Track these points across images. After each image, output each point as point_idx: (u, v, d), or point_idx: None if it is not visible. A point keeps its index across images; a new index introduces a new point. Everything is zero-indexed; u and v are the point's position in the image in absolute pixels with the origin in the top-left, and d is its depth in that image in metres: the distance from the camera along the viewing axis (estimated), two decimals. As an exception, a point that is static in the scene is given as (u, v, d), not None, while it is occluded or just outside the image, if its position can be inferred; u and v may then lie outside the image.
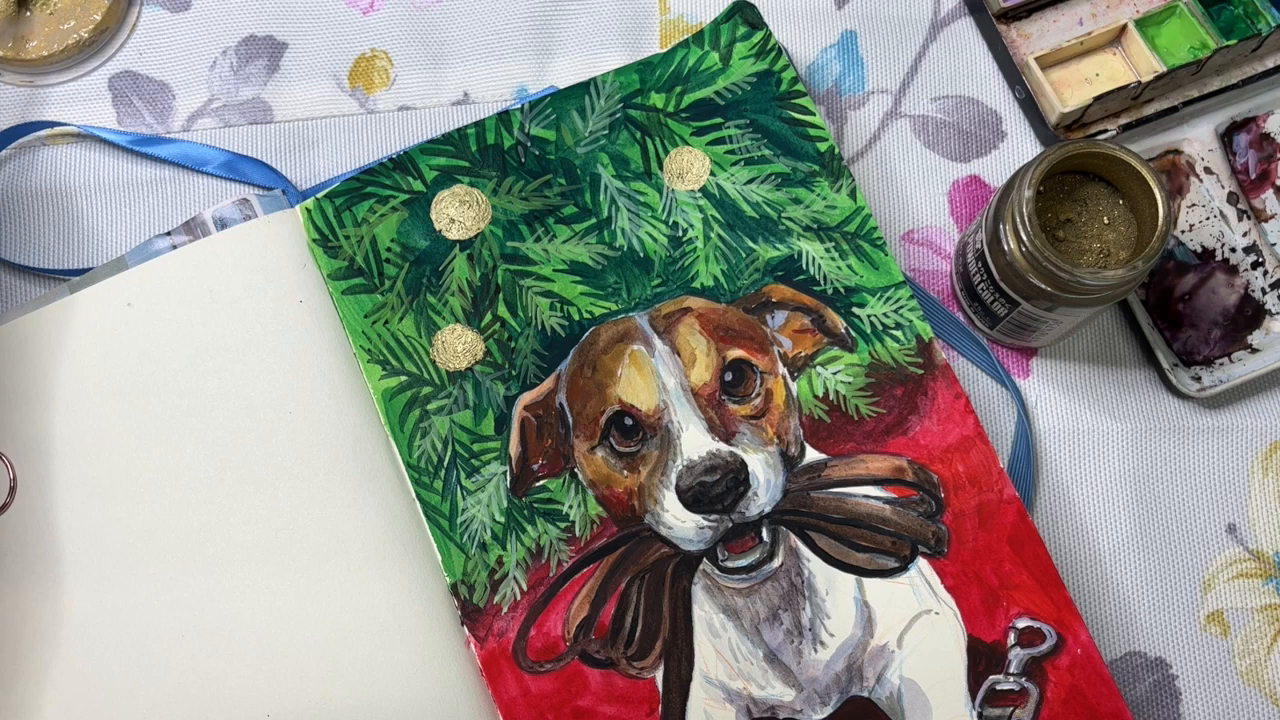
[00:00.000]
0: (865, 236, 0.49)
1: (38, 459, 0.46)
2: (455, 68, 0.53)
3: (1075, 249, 0.45)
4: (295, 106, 0.52)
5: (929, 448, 0.47)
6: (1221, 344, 0.50)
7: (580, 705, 0.45)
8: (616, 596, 0.45)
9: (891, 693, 0.45)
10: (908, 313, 0.48)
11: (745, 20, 0.50)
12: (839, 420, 0.47)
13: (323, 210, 0.48)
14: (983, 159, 0.52)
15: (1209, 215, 0.51)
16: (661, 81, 0.50)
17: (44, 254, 0.51)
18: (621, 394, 0.47)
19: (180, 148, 0.51)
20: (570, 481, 0.46)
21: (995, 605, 0.46)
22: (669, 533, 0.46)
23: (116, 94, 0.52)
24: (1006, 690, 0.45)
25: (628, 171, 0.49)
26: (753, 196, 0.49)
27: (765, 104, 0.50)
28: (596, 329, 0.48)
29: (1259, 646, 0.48)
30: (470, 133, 0.49)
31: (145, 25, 0.53)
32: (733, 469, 0.46)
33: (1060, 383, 0.50)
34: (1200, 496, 0.49)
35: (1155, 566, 0.48)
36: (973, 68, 0.53)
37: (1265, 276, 0.50)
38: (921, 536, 0.46)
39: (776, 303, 0.48)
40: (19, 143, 0.51)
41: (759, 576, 0.46)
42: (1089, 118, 0.50)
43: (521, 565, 0.46)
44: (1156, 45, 0.51)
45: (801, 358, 0.48)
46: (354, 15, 0.53)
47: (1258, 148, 0.51)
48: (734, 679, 0.45)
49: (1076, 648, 0.45)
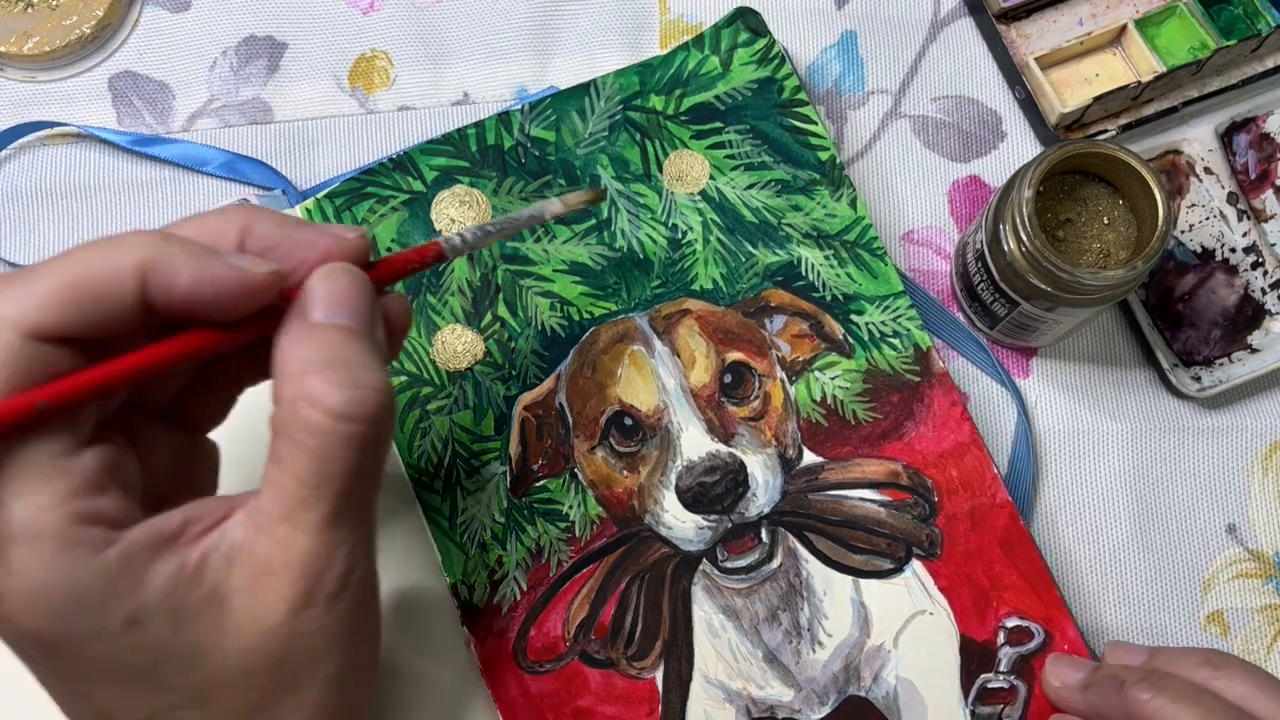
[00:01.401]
0: (865, 245, 0.49)
1: None
2: (455, 68, 0.53)
3: (1075, 249, 0.45)
4: (295, 106, 0.52)
5: (924, 453, 0.47)
6: (1221, 344, 0.50)
7: (580, 705, 0.45)
8: (616, 596, 0.46)
9: (888, 692, 0.45)
10: (906, 321, 0.48)
11: (748, 26, 0.50)
12: (836, 424, 0.47)
13: (323, 210, 0.48)
14: (983, 159, 0.52)
15: (1209, 215, 0.51)
16: (661, 84, 0.50)
17: (44, 254, 0.51)
18: (621, 394, 0.47)
19: (180, 148, 0.51)
20: (570, 482, 0.47)
21: (986, 605, 0.46)
22: (669, 533, 0.46)
23: (116, 94, 0.52)
24: (997, 688, 0.45)
25: (627, 173, 0.49)
26: (752, 201, 0.49)
27: (766, 111, 0.50)
28: (596, 329, 0.48)
29: (1259, 646, 0.48)
30: (470, 133, 0.49)
31: (145, 25, 0.53)
32: (732, 470, 0.46)
33: (1060, 383, 0.50)
34: (1200, 496, 0.49)
35: (1155, 566, 0.49)
36: (973, 68, 0.53)
37: (1265, 277, 0.50)
38: (915, 539, 0.46)
39: (775, 307, 0.48)
40: (19, 143, 0.51)
41: (758, 577, 0.46)
42: (1089, 118, 0.50)
43: (521, 565, 0.46)
44: (1156, 45, 0.51)
45: (799, 362, 0.48)
46: (354, 15, 0.53)
47: (1258, 148, 0.51)
48: (733, 679, 0.45)
49: (1064, 644, 0.45)
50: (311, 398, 0.30)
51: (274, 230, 0.33)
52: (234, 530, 0.31)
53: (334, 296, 0.32)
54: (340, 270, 0.33)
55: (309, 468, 0.31)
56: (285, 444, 0.31)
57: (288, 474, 0.31)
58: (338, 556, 0.31)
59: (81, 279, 0.29)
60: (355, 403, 0.31)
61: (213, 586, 0.30)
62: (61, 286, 0.29)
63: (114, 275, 0.29)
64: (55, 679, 0.31)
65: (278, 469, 0.31)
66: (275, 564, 0.31)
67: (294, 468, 0.31)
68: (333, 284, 0.32)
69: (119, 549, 0.29)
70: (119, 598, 0.29)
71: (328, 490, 0.31)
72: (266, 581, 0.31)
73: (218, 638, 0.30)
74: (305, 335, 0.32)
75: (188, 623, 0.30)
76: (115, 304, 0.29)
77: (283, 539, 0.31)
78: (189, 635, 0.30)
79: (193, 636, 0.30)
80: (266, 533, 0.31)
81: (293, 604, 0.31)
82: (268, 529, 0.31)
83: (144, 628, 0.29)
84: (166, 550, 0.30)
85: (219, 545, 0.31)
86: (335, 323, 0.32)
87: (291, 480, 0.31)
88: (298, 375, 0.31)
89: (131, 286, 0.29)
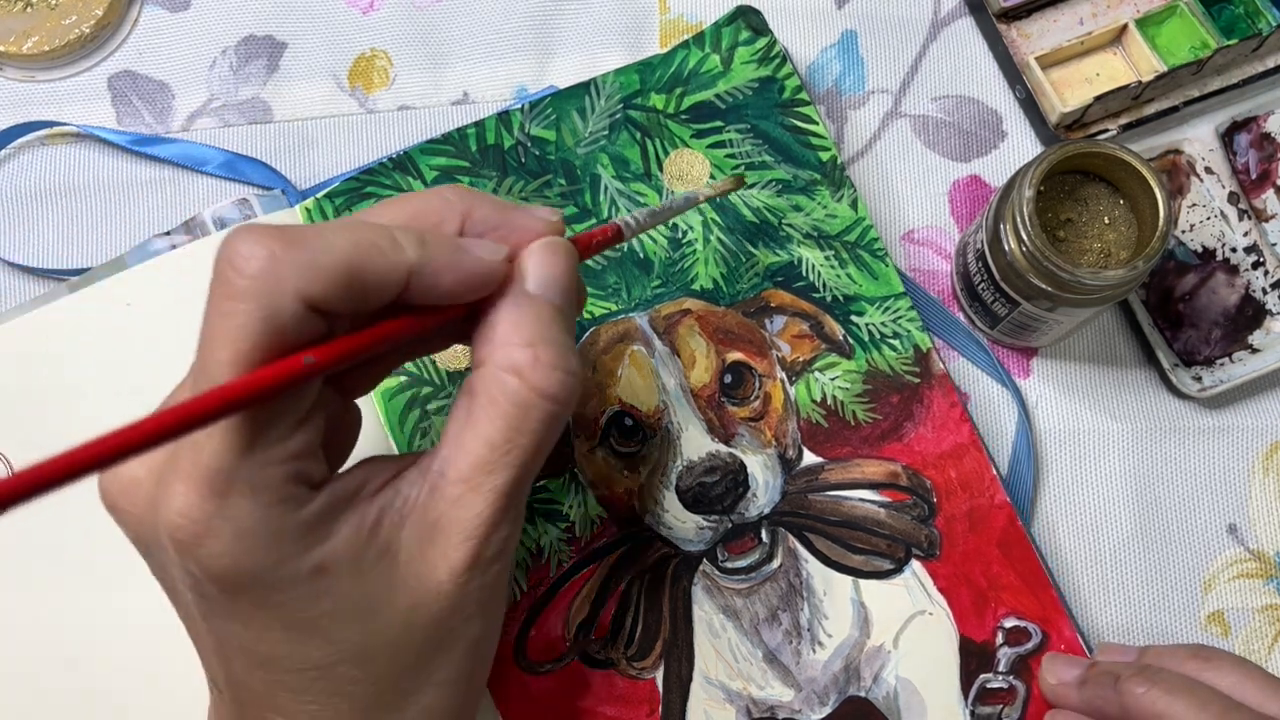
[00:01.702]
0: (865, 246, 0.49)
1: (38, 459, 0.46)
2: (455, 68, 0.53)
3: (1076, 249, 0.45)
4: (295, 106, 0.52)
5: (923, 454, 0.47)
6: (1222, 344, 0.50)
7: (580, 705, 0.45)
8: (617, 597, 0.46)
9: (888, 692, 0.45)
10: (906, 323, 0.48)
11: (749, 25, 0.50)
12: (836, 425, 0.47)
13: (323, 210, 0.48)
14: (983, 159, 0.52)
15: (1209, 215, 0.51)
16: (662, 82, 0.50)
17: (43, 254, 0.51)
18: (622, 394, 0.47)
19: (180, 147, 0.51)
20: (570, 481, 0.47)
21: (984, 606, 0.46)
22: (669, 533, 0.46)
23: (116, 93, 0.52)
24: (996, 688, 0.45)
25: (628, 173, 0.49)
26: (753, 201, 0.49)
27: (767, 110, 0.50)
28: (597, 329, 0.48)
29: (1260, 646, 0.48)
30: (470, 133, 0.49)
31: (144, 25, 0.53)
32: (732, 470, 0.46)
33: (1061, 383, 0.50)
34: (1201, 496, 0.49)
35: (1156, 566, 0.48)
36: (973, 67, 0.53)
37: (1266, 276, 0.50)
38: (915, 539, 0.46)
39: (775, 308, 0.48)
40: (18, 142, 0.51)
41: (758, 577, 0.46)
42: (1089, 117, 0.50)
43: (522, 565, 0.46)
44: (1157, 45, 0.51)
45: (800, 362, 0.48)
46: (354, 15, 0.53)
47: (1258, 147, 0.51)
48: (734, 679, 0.45)
49: (1060, 644, 0.46)
50: (520, 370, 0.32)
51: (492, 214, 0.34)
52: (407, 488, 0.33)
53: (550, 272, 0.34)
54: (558, 245, 0.34)
55: (503, 435, 0.32)
56: (482, 407, 0.32)
57: (479, 437, 0.32)
58: (504, 522, 0.33)
59: (362, 266, 0.30)
60: (560, 384, 0.32)
61: (386, 543, 0.32)
62: (343, 269, 0.30)
63: (389, 271, 0.31)
64: (226, 620, 0.32)
65: (468, 431, 0.32)
66: (447, 524, 0.32)
67: (487, 431, 0.32)
68: (551, 260, 0.34)
69: (317, 504, 0.31)
70: (311, 548, 0.31)
71: (513, 458, 0.32)
72: (436, 540, 0.32)
73: (388, 593, 0.32)
74: (521, 306, 0.33)
75: (364, 575, 0.32)
76: (380, 294, 0.31)
77: (457, 499, 0.32)
78: (364, 588, 0.32)
79: (367, 589, 0.32)
80: (440, 492, 0.32)
81: (457, 565, 0.32)
82: (442, 489, 0.32)
83: (328, 577, 0.31)
84: (350, 507, 0.32)
85: (393, 502, 0.32)
86: (548, 298, 0.33)
87: (480, 444, 0.32)
88: (510, 345, 0.32)
89: (400, 283, 0.31)
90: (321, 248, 0.30)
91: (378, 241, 0.31)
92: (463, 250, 0.32)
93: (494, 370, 0.32)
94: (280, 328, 0.29)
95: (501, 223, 0.34)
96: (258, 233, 0.30)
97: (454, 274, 0.32)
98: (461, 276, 0.32)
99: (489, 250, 0.33)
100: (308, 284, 0.29)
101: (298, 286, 0.29)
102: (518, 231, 0.34)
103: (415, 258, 0.31)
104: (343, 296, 0.30)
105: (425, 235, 0.32)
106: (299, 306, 0.29)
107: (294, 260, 0.29)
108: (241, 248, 0.29)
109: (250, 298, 0.29)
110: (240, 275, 0.29)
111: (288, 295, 0.29)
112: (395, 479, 0.33)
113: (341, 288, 0.30)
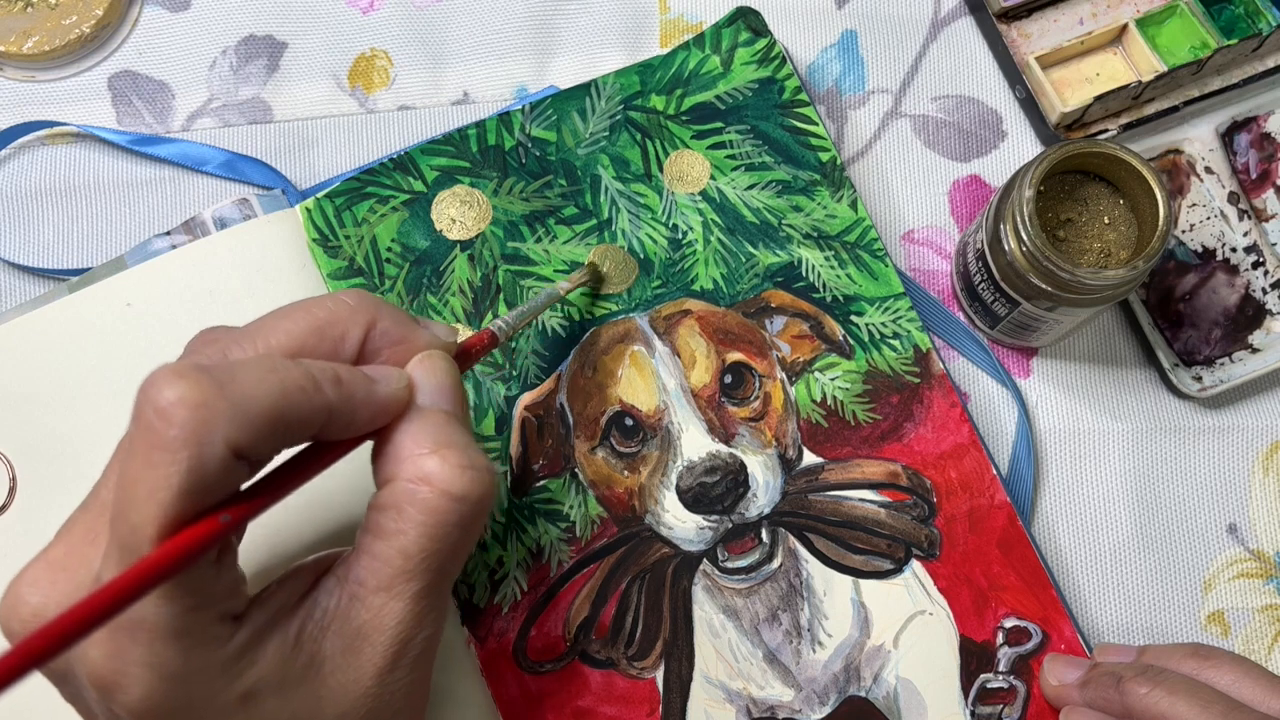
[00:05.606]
0: (865, 247, 0.49)
1: (38, 459, 0.46)
2: (455, 67, 0.53)
3: (1076, 249, 0.45)
4: (295, 106, 0.52)
5: (923, 454, 0.47)
6: (1222, 344, 0.50)
7: (580, 705, 0.45)
8: (617, 597, 0.46)
9: (888, 692, 0.45)
10: (906, 323, 0.48)
11: (749, 26, 0.50)
12: (836, 425, 0.47)
13: (323, 210, 0.48)
14: (983, 159, 0.52)
15: (1210, 215, 0.51)
16: (662, 83, 0.50)
17: (43, 254, 0.51)
18: (622, 394, 0.47)
19: (180, 147, 0.51)
20: (571, 482, 0.47)
21: (985, 606, 0.46)
22: (669, 533, 0.46)
23: (116, 93, 0.52)
24: (996, 688, 0.45)
25: (628, 173, 0.49)
26: (753, 202, 0.49)
27: (767, 111, 0.50)
28: (597, 329, 0.48)
29: (1260, 646, 0.48)
30: (471, 133, 0.49)
31: (144, 25, 0.53)
32: (732, 470, 0.46)
33: (1061, 383, 0.50)
34: (1201, 496, 0.49)
35: (1156, 566, 0.49)
36: (973, 67, 0.53)
37: (1266, 276, 0.50)
38: (915, 539, 0.46)
39: (775, 308, 0.48)
40: (19, 142, 0.51)
41: (759, 577, 0.46)
42: (1089, 117, 0.50)
43: (522, 565, 0.46)
44: (1157, 45, 0.51)
45: (800, 363, 0.48)
46: (354, 15, 0.53)
47: (1258, 147, 0.51)
48: (734, 679, 0.45)
49: (1060, 644, 0.46)
50: (429, 478, 0.32)
51: (393, 329, 0.35)
52: (325, 598, 0.33)
53: (437, 381, 0.34)
54: (439, 358, 0.35)
55: (418, 544, 0.32)
56: (394, 519, 0.33)
57: (393, 548, 0.32)
58: (426, 622, 0.34)
59: (286, 413, 0.30)
60: (471, 481, 0.33)
61: (310, 655, 0.32)
62: (270, 416, 0.30)
63: (312, 415, 0.31)
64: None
65: (381, 542, 0.33)
66: (369, 630, 0.33)
67: (402, 543, 0.32)
68: (436, 370, 0.35)
69: (242, 635, 0.31)
70: (237, 678, 0.31)
71: (431, 564, 0.33)
72: (359, 648, 0.33)
73: (315, 704, 0.32)
74: (417, 420, 0.33)
75: (291, 691, 0.32)
76: (300, 436, 0.32)
77: (378, 607, 0.33)
78: (292, 704, 0.32)
79: (295, 704, 0.32)
80: (361, 601, 0.33)
81: (383, 667, 0.33)
82: (363, 598, 0.33)
83: (256, 701, 0.32)
84: (272, 628, 0.32)
85: (312, 613, 0.33)
86: (440, 407, 0.34)
87: (396, 554, 0.32)
88: (415, 457, 0.33)
89: (320, 424, 0.31)
90: (249, 395, 0.29)
91: (303, 385, 0.31)
92: (373, 384, 0.33)
93: (403, 484, 0.33)
94: (206, 478, 0.29)
95: (402, 339, 0.35)
96: (186, 378, 0.29)
97: (368, 410, 0.32)
98: (374, 412, 0.33)
99: (395, 380, 0.33)
100: (237, 433, 0.29)
101: (227, 436, 0.29)
102: (417, 350, 0.35)
103: (334, 398, 0.31)
104: (269, 443, 0.30)
105: (339, 373, 0.32)
106: (227, 455, 0.29)
107: (223, 411, 0.29)
108: (169, 392, 0.28)
109: (179, 448, 0.28)
110: (170, 425, 0.28)
111: (217, 446, 0.28)
112: (313, 590, 0.33)
113: (268, 435, 0.30)
